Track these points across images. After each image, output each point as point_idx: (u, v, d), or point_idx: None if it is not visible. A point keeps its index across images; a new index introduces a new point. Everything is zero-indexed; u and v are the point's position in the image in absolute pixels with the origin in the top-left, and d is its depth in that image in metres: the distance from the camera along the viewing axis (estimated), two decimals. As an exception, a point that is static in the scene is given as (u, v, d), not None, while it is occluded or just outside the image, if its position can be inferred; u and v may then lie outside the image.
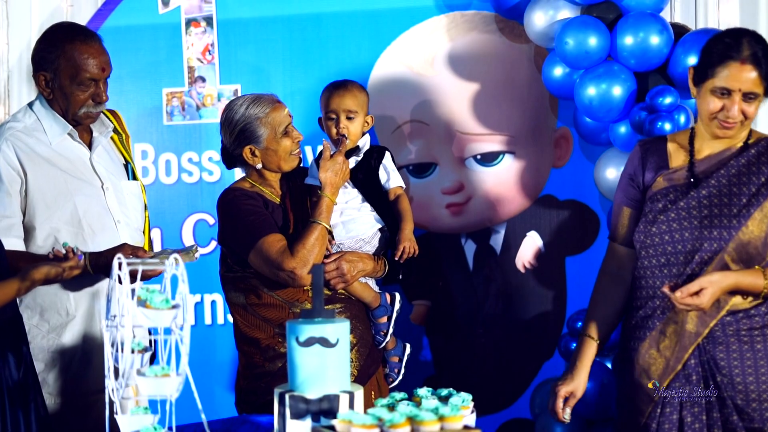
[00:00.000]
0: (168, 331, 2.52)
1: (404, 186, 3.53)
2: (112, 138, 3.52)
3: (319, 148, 3.72)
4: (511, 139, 4.54)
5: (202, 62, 4.62)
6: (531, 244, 4.54)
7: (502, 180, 4.56)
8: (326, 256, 3.42)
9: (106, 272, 3.10)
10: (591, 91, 3.98)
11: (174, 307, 2.49)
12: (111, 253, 3.14)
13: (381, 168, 3.49)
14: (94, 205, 3.35)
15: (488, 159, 4.57)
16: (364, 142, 3.55)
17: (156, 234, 4.67)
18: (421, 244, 4.16)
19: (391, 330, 3.49)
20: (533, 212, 4.52)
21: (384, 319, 3.49)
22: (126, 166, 3.55)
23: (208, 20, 4.58)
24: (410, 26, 4.56)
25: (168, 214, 4.68)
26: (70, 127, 3.37)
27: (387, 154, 3.54)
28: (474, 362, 4.55)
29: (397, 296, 3.55)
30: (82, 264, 3.04)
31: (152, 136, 4.71)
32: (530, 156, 4.52)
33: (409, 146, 4.60)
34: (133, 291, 2.50)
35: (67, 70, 3.29)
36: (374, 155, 3.51)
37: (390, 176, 3.48)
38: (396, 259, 3.36)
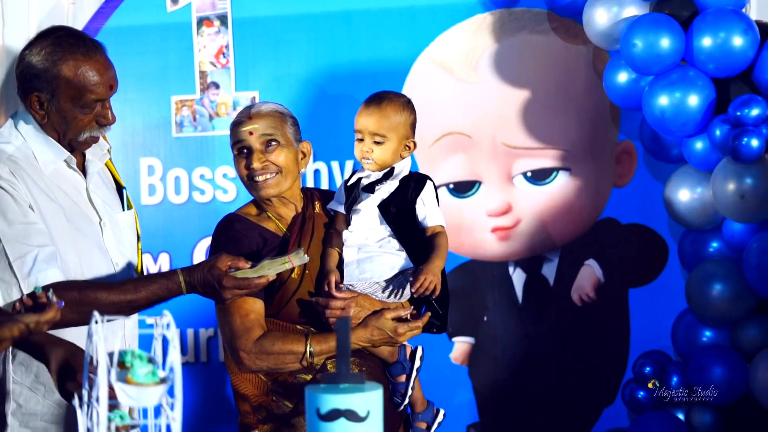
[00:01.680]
0: (158, 409, 2.13)
1: (445, 225, 3.11)
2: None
3: (348, 165, 3.68)
4: (566, 154, 4.40)
5: (215, 66, 4.50)
6: (589, 275, 4.40)
7: (555, 201, 4.42)
8: (329, 287, 3.07)
9: (206, 291, 2.88)
10: (663, 100, 3.83)
11: (163, 381, 2.07)
12: (207, 266, 2.89)
13: (419, 201, 3.06)
14: (94, 248, 3.04)
15: (540, 176, 4.42)
16: (402, 167, 3.10)
17: (164, 259, 4.53)
18: (464, 274, 4.24)
19: (410, 391, 3.11)
20: (591, 238, 4.38)
21: (402, 378, 3.11)
22: (120, 192, 3.25)
23: (223, 19, 4.47)
24: (451, 25, 4.43)
25: (177, 237, 4.53)
26: (67, 153, 3.03)
27: (429, 184, 3.10)
28: (523, 409, 4.43)
29: (420, 350, 3.15)
30: (61, 311, 2.58)
31: (160, 149, 4.58)
32: (588, 173, 4.38)
33: (448, 162, 4.45)
34: (111, 356, 2.09)
35: (69, 92, 2.96)
36: (412, 184, 3.08)
37: (429, 213, 3.07)
38: (412, 291, 2.96)
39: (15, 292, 2.81)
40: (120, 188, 3.25)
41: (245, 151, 3.07)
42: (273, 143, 3.06)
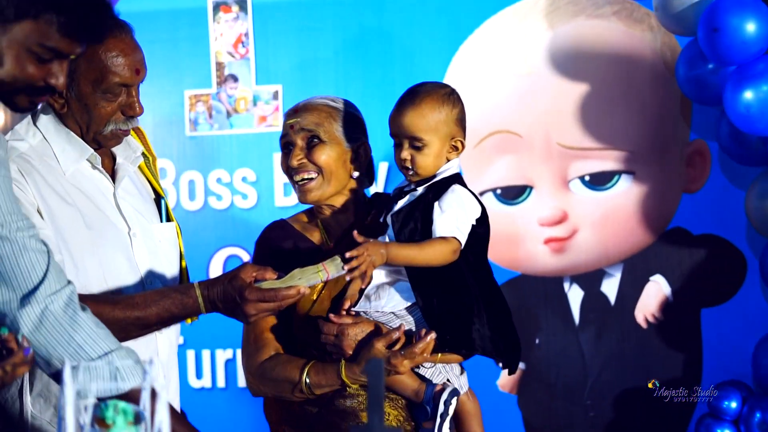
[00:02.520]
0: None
1: (461, 240, 2.83)
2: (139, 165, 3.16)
3: (383, 167, 3.69)
4: (630, 155, 4.28)
5: (233, 57, 4.45)
6: (655, 292, 4.27)
7: (617, 208, 4.32)
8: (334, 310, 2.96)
9: (226, 308, 2.74)
10: (747, 94, 3.70)
11: None
12: (228, 277, 2.76)
13: (435, 207, 2.85)
14: (120, 259, 2.89)
15: (599, 181, 4.32)
16: (446, 169, 2.89)
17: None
18: (513, 290, 4.17)
19: None
20: (658, 250, 4.27)
21: (429, 424, 2.89)
22: (158, 202, 3.11)
23: (241, 4, 4.42)
24: (498, 10, 4.35)
25: (191, 247, 4.08)
26: (91, 150, 2.89)
27: (454, 188, 2.87)
28: None
29: (447, 392, 2.87)
30: (31, 358, 2.36)
31: (172, 150, 4.52)
32: (654, 177, 4.28)
33: (496, 164, 4.37)
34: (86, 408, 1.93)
35: (89, 73, 2.83)
36: (433, 189, 2.88)
37: (442, 222, 2.83)
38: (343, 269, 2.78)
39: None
40: (159, 198, 3.15)
41: (289, 147, 3.02)
42: (314, 140, 2.95)
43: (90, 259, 2.84)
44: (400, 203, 2.90)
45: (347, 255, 2.72)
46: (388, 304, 2.91)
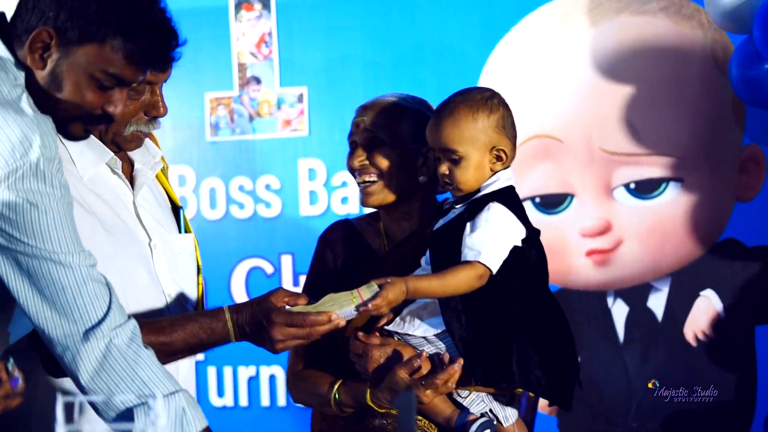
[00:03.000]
0: None
1: (489, 264, 2.65)
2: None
3: None
4: (678, 161, 4.20)
5: (256, 58, 4.44)
6: (705, 308, 4.18)
7: (664, 218, 4.23)
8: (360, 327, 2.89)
9: (254, 333, 2.61)
10: None
11: None
12: (257, 300, 2.64)
13: (467, 227, 2.68)
14: (140, 271, 2.78)
15: (646, 189, 4.24)
16: (491, 182, 2.71)
17: (196, 285, 4.45)
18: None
19: None
20: (709, 263, 4.19)
21: None
22: (175, 212, 3.00)
23: (265, 2, 4.40)
24: (536, 7, 4.27)
25: (212, 259, 4.15)
26: (111, 153, 2.77)
27: (491, 206, 2.68)
28: None
29: (480, 421, 2.73)
30: (21, 389, 2.24)
31: (192, 156, 4.52)
32: (705, 185, 4.20)
33: (534, 171, 4.30)
34: None
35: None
36: (470, 207, 2.71)
37: (471, 243, 2.65)
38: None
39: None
40: (176, 208, 3.05)
41: (353, 146, 2.98)
42: (377, 141, 2.90)
43: (111, 271, 2.66)
44: (441, 221, 2.78)
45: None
46: (420, 327, 2.76)
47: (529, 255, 2.72)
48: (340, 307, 2.59)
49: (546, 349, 2.70)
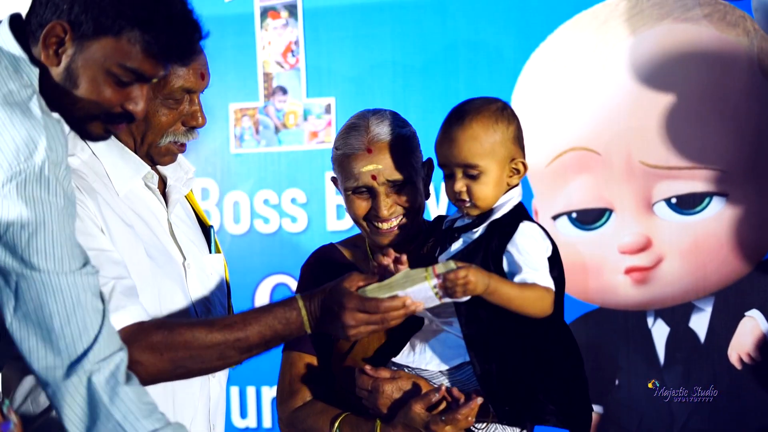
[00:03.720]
0: None
1: (551, 286, 2.58)
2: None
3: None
4: (723, 174, 4.11)
5: (282, 67, 4.45)
6: (751, 329, 4.07)
7: (708, 234, 4.14)
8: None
9: (326, 320, 2.51)
10: None
11: None
12: (330, 286, 2.54)
13: (510, 248, 2.58)
14: (177, 292, 2.73)
15: (688, 204, 4.15)
16: (506, 200, 2.64)
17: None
18: (590, 326, 4.12)
19: None
20: (756, 282, 4.08)
21: None
22: (207, 232, 2.96)
23: (291, 9, 4.41)
24: (573, 14, 4.21)
25: (236, 274, 4.03)
26: (148, 167, 2.73)
27: (523, 229, 2.61)
28: None
29: None
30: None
31: (215, 168, 4.54)
32: (751, 200, 4.09)
33: (571, 185, 4.23)
34: None
35: None
36: (498, 230, 2.62)
37: (520, 267, 2.56)
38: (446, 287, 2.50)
39: None
40: (205, 227, 3.00)
41: (364, 190, 2.85)
42: (398, 184, 2.81)
43: (149, 290, 2.64)
44: (455, 246, 2.66)
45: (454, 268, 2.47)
46: (433, 361, 2.67)
47: (553, 275, 2.63)
48: (413, 283, 2.44)
49: (568, 379, 2.65)
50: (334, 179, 2.94)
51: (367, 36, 4.35)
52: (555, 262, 2.65)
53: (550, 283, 2.56)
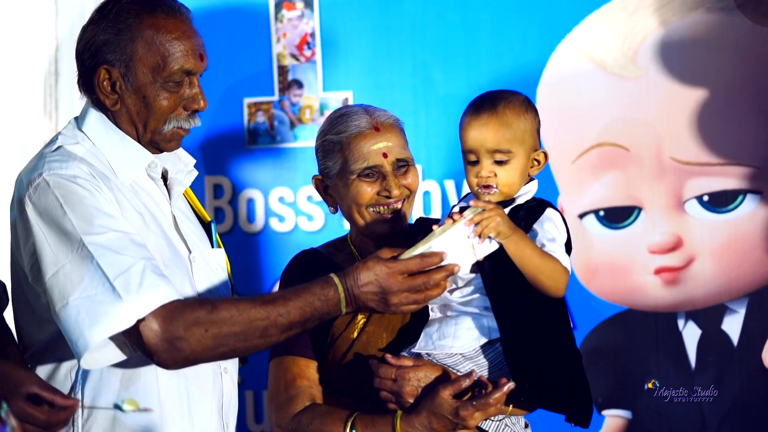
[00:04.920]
0: None
1: (569, 268, 2.72)
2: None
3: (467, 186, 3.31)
4: (757, 171, 4.07)
5: (298, 60, 4.40)
6: None
7: (741, 233, 4.10)
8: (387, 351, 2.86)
9: (364, 293, 2.54)
10: None
11: None
12: (364, 261, 2.58)
13: (535, 226, 2.73)
14: (186, 286, 2.70)
15: (721, 201, 4.13)
16: (527, 191, 2.76)
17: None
18: (618, 327, 4.10)
19: None
20: None
21: None
22: (208, 226, 2.95)
23: (307, 0, 4.37)
24: (600, 5, 4.17)
25: (252, 274, 4.40)
26: (152, 156, 2.73)
27: (549, 213, 2.75)
28: None
29: None
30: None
31: (229, 165, 4.47)
32: None
33: (598, 181, 4.20)
34: None
35: (148, 58, 2.68)
36: (522, 214, 2.73)
37: (547, 244, 2.70)
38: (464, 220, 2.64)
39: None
40: (205, 222, 2.98)
41: (371, 173, 2.90)
42: (404, 164, 2.91)
43: None
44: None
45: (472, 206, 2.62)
46: (456, 343, 2.72)
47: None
48: (443, 230, 2.51)
49: (572, 366, 2.75)
50: (319, 180, 3.00)
51: (386, 28, 4.29)
52: (568, 250, 2.75)
53: (568, 264, 2.65)
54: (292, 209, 4.36)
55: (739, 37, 4.04)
